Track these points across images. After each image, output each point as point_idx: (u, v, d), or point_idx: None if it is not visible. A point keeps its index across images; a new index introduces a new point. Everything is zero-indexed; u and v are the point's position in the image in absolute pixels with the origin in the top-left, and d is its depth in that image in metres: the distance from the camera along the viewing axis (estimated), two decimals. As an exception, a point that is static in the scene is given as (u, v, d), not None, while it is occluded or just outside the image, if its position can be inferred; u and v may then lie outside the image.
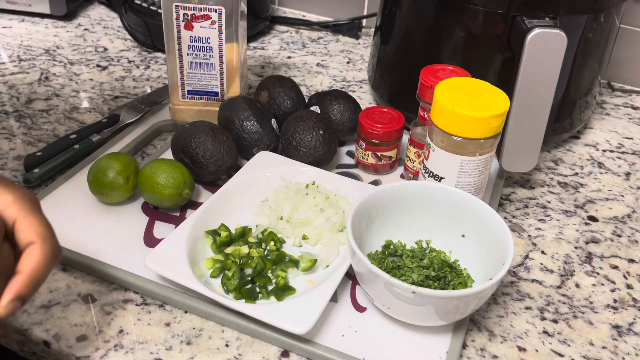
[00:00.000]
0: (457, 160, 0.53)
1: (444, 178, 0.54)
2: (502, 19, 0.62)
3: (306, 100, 0.73)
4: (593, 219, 0.64)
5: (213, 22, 0.64)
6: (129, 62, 0.88)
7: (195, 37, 0.65)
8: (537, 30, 0.56)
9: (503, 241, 0.48)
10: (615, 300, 0.54)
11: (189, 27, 0.64)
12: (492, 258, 0.49)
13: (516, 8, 0.61)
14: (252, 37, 0.99)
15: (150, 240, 0.56)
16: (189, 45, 0.65)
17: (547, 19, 0.60)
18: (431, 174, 0.55)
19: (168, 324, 0.49)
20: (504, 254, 0.47)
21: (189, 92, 0.69)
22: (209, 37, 0.65)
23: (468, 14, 0.64)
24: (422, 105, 0.61)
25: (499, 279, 0.44)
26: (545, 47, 0.57)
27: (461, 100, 0.51)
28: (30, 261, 0.36)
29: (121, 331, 0.48)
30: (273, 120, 0.66)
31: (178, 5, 0.63)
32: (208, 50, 0.66)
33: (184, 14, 0.63)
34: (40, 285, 0.37)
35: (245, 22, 0.71)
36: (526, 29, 0.57)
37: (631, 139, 0.79)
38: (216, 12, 0.63)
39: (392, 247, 0.53)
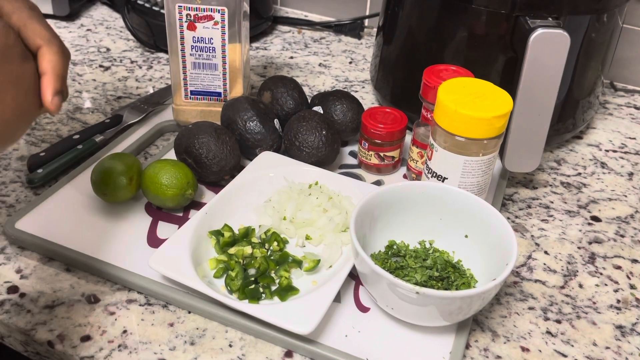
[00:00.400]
0: (460, 161, 0.53)
1: (447, 178, 0.54)
2: (505, 20, 0.62)
3: (309, 101, 0.73)
4: (596, 219, 0.64)
5: (216, 23, 0.64)
6: (132, 62, 0.89)
7: (198, 37, 0.65)
8: (540, 31, 0.56)
9: (506, 241, 0.48)
10: (618, 301, 0.54)
11: (191, 27, 0.64)
12: (496, 258, 0.49)
13: (519, 8, 0.61)
14: (254, 37, 0.99)
15: (154, 241, 0.56)
16: (191, 45, 0.65)
17: (550, 19, 0.60)
18: (434, 175, 0.55)
19: (172, 324, 0.49)
20: (508, 254, 0.47)
21: (192, 92, 0.69)
22: (211, 38, 0.65)
23: (471, 15, 0.64)
24: (425, 105, 0.61)
25: (502, 279, 0.44)
26: (548, 47, 0.57)
27: (464, 100, 0.51)
28: (45, 61, 0.40)
29: (125, 331, 0.48)
30: (276, 121, 0.66)
31: (181, 6, 0.63)
32: (211, 51, 0.66)
33: (187, 15, 0.63)
34: (64, 79, 0.41)
35: (247, 23, 0.71)
36: (529, 29, 0.57)
37: (634, 138, 0.79)
38: (219, 12, 0.63)
39: (395, 247, 0.53)
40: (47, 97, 0.40)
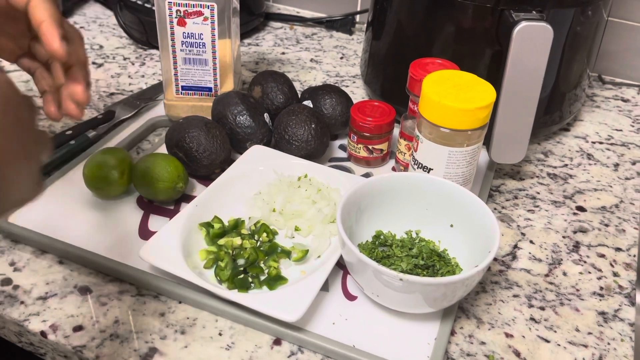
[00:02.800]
0: (445, 152, 0.54)
1: (432, 169, 0.55)
2: (491, 13, 0.63)
3: (299, 95, 0.74)
4: (581, 209, 0.65)
5: (205, 19, 0.65)
6: (125, 59, 0.89)
7: (188, 33, 0.66)
8: (523, 24, 0.57)
9: (489, 229, 0.49)
10: (601, 288, 0.55)
11: (181, 23, 0.65)
12: (480, 246, 0.50)
13: (504, 2, 0.62)
14: (246, 33, 0.99)
15: (145, 233, 0.57)
16: (182, 41, 0.66)
17: (535, 12, 0.60)
18: (420, 166, 0.56)
19: (163, 314, 0.50)
20: (491, 242, 0.48)
21: (183, 87, 0.70)
22: (201, 33, 0.66)
23: (457, 9, 0.65)
24: (412, 98, 0.62)
25: (484, 265, 0.45)
26: (531, 40, 0.58)
27: (448, 92, 0.52)
28: (40, 10, 0.39)
29: (117, 321, 0.49)
30: (266, 115, 0.67)
31: (171, 2, 0.64)
32: (201, 46, 0.67)
33: (177, 11, 0.64)
34: (61, 23, 0.40)
35: (237, 19, 0.72)
36: (513, 22, 0.58)
37: (620, 130, 0.80)
38: (208, 8, 0.64)
39: (382, 237, 0.54)
40: (55, 42, 0.38)
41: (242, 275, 0.51)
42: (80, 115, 0.45)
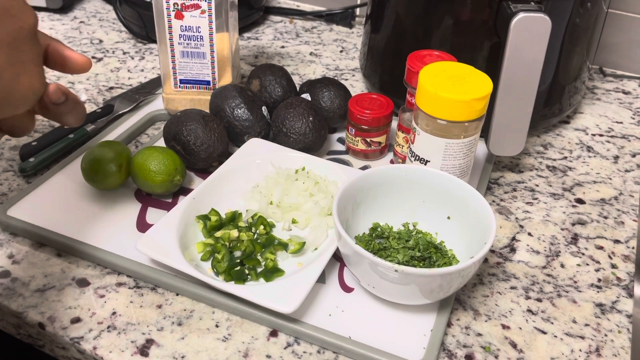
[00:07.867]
0: (441, 144, 0.53)
1: (429, 161, 0.55)
2: (489, 5, 0.63)
3: (297, 89, 0.73)
4: (580, 201, 0.65)
5: (203, 12, 0.65)
6: (124, 53, 0.89)
7: (185, 26, 0.66)
8: (521, 15, 0.57)
9: (486, 221, 0.49)
10: (599, 280, 0.55)
11: (179, 16, 0.65)
12: (476, 238, 0.50)
13: (502, -7, 0.62)
14: (246, 27, 0.99)
15: (143, 226, 0.57)
16: (179, 34, 0.66)
17: (532, 3, 0.60)
18: (417, 158, 0.56)
19: (160, 306, 0.50)
20: (487, 234, 0.47)
21: (181, 81, 0.70)
22: (199, 27, 0.66)
23: (456, 0, 0.65)
24: (410, 90, 0.62)
25: (480, 256, 0.45)
26: (529, 31, 0.57)
27: (445, 84, 0.52)
28: (60, 46, 0.43)
29: (114, 313, 0.49)
30: (264, 108, 0.67)
31: (168, -5, 0.64)
32: (199, 40, 0.67)
33: (174, 4, 0.64)
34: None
35: (236, 12, 0.72)
36: (511, 14, 0.58)
37: (621, 123, 0.79)
38: (206, 1, 0.64)
39: (379, 229, 0.54)
40: (80, 56, 0.42)
41: (238, 268, 0.51)
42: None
